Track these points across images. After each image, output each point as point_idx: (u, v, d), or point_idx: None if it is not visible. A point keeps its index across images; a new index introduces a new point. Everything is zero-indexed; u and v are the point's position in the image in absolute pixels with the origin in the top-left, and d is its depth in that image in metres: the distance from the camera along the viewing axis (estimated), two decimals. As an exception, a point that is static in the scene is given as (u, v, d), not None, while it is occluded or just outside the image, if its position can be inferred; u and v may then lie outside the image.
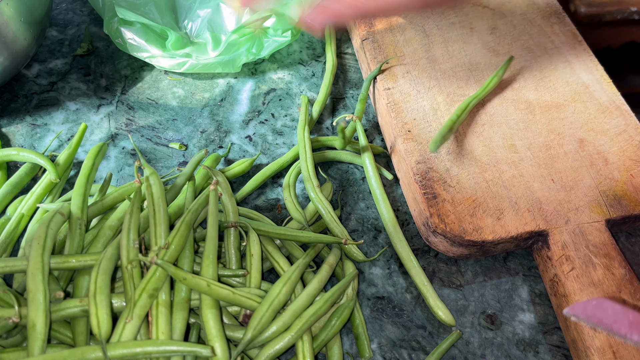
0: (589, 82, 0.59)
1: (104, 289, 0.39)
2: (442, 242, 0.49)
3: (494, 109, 0.56)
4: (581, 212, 0.49)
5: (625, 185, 0.51)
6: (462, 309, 0.48)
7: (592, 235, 0.48)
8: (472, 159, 0.52)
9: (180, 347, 0.37)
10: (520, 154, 0.53)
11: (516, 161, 0.52)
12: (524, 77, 0.59)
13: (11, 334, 0.40)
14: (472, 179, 0.51)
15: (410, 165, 0.51)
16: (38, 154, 0.52)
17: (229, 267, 0.45)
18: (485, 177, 0.51)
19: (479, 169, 0.51)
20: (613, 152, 0.53)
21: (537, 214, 0.49)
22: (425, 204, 0.49)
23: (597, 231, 0.48)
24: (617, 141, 0.54)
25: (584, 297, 0.44)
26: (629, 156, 0.53)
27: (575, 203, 0.50)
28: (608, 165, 0.52)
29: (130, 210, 0.43)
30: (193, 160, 0.51)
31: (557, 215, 0.49)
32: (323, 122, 0.62)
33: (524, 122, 0.55)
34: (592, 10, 1.02)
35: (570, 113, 0.56)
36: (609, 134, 0.54)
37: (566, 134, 0.54)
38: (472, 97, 0.55)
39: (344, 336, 0.46)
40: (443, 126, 0.51)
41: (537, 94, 0.58)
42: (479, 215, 0.48)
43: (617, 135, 0.54)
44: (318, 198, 0.50)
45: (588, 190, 0.50)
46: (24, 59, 0.60)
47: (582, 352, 0.43)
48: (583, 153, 0.53)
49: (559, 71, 0.60)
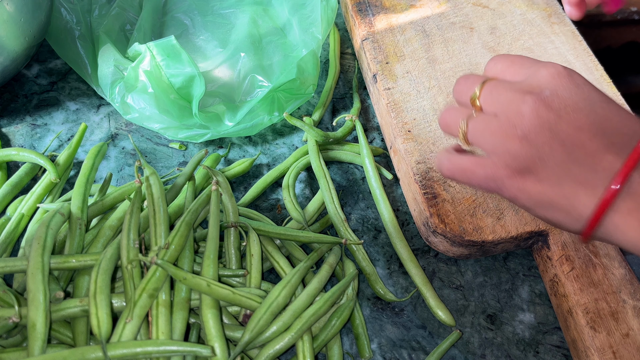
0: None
1: (104, 289, 0.39)
2: (442, 242, 0.49)
3: (494, 109, 0.56)
4: None
5: None
6: (462, 309, 0.48)
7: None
8: None
9: (180, 347, 0.37)
10: None
11: None
12: (524, 77, 0.59)
13: (11, 334, 0.40)
14: None
15: (410, 165, 0.51)
16: (38, 154, 0.52)
17: (229, 267, 0.45)
18: None
19: None
20: (613, 152, 0.53)
21: None
22: (425, 204, 0.49)
23: None
24: None
25: (584, 297, 0.45)
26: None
27: None
28: None
29: (130, 210, 0.43)
30: (193, 160, 0.51)
31: None
32: (323, 122, 0.62)
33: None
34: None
35: None
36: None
37: None
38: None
39: (344, 336, 0.46)
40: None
41: None
42: (479, 215, 0.48)
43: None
44: (347, 233, 0.50)
45: None
46: (25, 59, 0.60)
47: (582, 352, 0.43)
48: None
49: None
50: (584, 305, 0.44)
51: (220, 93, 0.60)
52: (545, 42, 0.63)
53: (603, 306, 0.44)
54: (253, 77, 0.59)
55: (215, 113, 0.56)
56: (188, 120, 0.55)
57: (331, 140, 0.56)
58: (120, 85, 0.55)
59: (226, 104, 0.57)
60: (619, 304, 0.44)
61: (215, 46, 0.64)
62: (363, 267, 0.49)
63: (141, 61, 0.53)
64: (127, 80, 0.54)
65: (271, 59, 0.61)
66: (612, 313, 0.44)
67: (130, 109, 0.55)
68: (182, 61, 0.53)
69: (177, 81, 0.54)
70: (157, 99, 0.54)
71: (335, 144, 0.57)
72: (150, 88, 0.53)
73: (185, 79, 0.54)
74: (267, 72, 0.60)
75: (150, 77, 0.53)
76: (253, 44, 0.62)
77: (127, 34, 0.64)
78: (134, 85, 0.54)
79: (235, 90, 0.60)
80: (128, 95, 0.54)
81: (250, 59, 0.60)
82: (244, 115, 0.55)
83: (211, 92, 0.60)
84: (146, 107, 0.54)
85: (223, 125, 0.55)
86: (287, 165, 0.56)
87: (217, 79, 0.61)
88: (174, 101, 0.54)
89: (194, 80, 0.54)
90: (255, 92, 0.59)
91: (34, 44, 0.59)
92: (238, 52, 0.61)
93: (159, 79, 0.53)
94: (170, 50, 0.53)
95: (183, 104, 0.55)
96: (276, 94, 0.57)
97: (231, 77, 0.61)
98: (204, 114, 0.55)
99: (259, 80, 0.58)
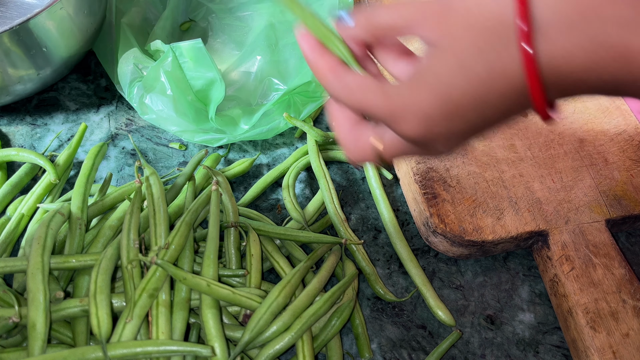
0: (589, 82, 0.59)
1: (104, 289, 0.39)
2: (442, 242, 0.49)
3: (494, 109, 0.56)
4: (581, 212, 0.49)
5: (625, 185, 0.51)
6: (462, 309, 0.48)
7: (592, 235, 0.48)
8: (472, 159, 0.52)
9: (180, 347, 0.37)
10: (520, 153, 0.53)
11: (516, 161, 0.52)
12: (524, 77, 0.59)
13: (11, 334, 0.40)
14: (472, 178, 0.51)
15: (410, 165, 0.51)
16: (38, 155, 0.52)
17: (229, 267, 0.45)
18: (485, 177, 0.51)
19: (479, 169, 0.51)
20: (613, 152, 0.53)
21: (537, 214, 0.49)
22: (425, 204, 0.49)
23: (597, 231, 0.48)
24: (617, 141, 0.54)
25: (584, 297, 0.45)
26: (629, 156, 0.53)
27: (575, 203, 0.50)
28: (608, 165, 0.52)
29: (130, 210, 0.43)
30: (193, 160, 0.51)
31: (557, 215, 0.49)
32: (322, 122, 0.62)
33: (524, 122, 0.55)
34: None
35: (570, 113, 0.56)
36: (609, 133, 0.54)
37: (566, 134, 0.54)
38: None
39: (344, 336, 0.46)
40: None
41: None
42: (479, 215, 0.48)
43: (617, 135, 0.54)
44: (347, 233, 0.50)
45: (588, 190, 0.50)
46: (67, 70, 0.61)
47: (582, 352, 0.43)
48: (583, 153, 0.53)
49: None
50: (583, 305, 0.44)
51: (236, 97, 0.60)
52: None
53: (603, 306, 0.44)
54: (269, 80, 0.58)
55: (231, 117, 0.56)
56: (204, 124, 0.55)
57: (331, 140, 0.56)
58: (139, 85, 0.55)
59: (242, 107, 0.57)
60: (619, 303, 0.44)
61: (232, 49, 0.63)
62: (363, 266, 0.49)
63: (163, 61, 0.52)
64: (147, 80, 0.54)
65: (288, 62, 0.61)
66: (612, 313, 0.44)
67: (148, 109, 0.55)
68: (206, 65, 0.53)
69: (197, 84, 0.54)
70: (176, 101, 0.53)
71: (335, 144, 0.57)
72: (169, 90, 0.53)
73: (206, 82, 0.53)
74: (284, 75, 0.59)
75: (170, 79, 0.52)
76: (270, 47, 0.61)
77: (148, 28, 0.64)
78: (153, 85, 0.53)
79: (252, 94, 0.60)
80: (146, 96, 0.54)
81: (266, 62, 0.60)
82: (259, 119, 0.55)
83: (228, 96, 0.60)
84: (164, 109, 0.53)
85: (239, 129, 0.55)
86: (287, 165, 0.56)
87: (234, 82, 0.61)
88: (190, 104, 0.54)
89: (215, 84, 0.53)
90: (271, 95, 0.58)
91: (81, 52, 0.59)
92: (254, 54, 0.60)
93: (179, 81, 0.53)
94: (196, 53, 0.52)
95: (200, 107, 0.55)
96: (292, 97, 0.56)
97: (248, 80, 0.61)
98: (220, 118, 0.55)
99: (275, 84, 0.58)
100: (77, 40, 0.57)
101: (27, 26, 0.50)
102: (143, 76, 0.54)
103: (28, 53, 0.53)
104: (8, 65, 0.52)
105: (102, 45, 0.61)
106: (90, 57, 0.67)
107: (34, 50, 0.53)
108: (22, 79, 0.55)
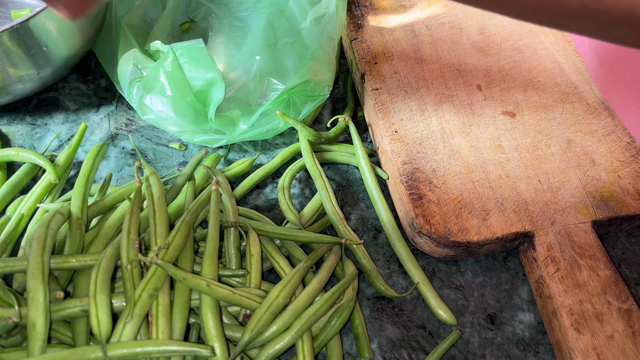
0: (578, 83, 0.59)
1: (104, 289, 0.39)
2: (427, 243, 0.49)
3: (481, 110, 0.56)
4: (567, 213, 0.49)
5: (612, 186, 0.51)
6: (462, 309, 0.48)
7: (577, 236, 0.48)
8: (459, 160, 0.52)
9: (180, 347, 0.37)
10: (507, 154, 0.53)
11: (503, 162, 0.52)
12: (512, 78, 0.59)
13: (11, 334, 0.40)
14: (458, 179, 0.51)
15: (396, 166, 0.51)
16: (38, 155, 0.52)
17: (229, 267, 0.45)
18: (472, 178, 0.51)
19: (465, 170, 0.51)
20: (600, 153, 0.53)
21: (523, 215, 0.49)
22: (410, 204, 0.49)
23: (583, 232, 0.48)
24: (604, 142, 0.54)
25: (569, 299, 0.44)
26: (617, 157, 0.53)
27: (561, 204, 0.49)
28: (595, 166, 0.52)
29: (130, 210, 0.43)
30: (193, 160, 0.51)
31: (543, 216, 0.49)
32: (322, 122, 0.62)
33: (511, 122, 0.55)
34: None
35: (558, 114, 0.56)
36: (597, 135, 0.54)
37: (554, 135, 0.54)
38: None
39: (344, 336, 0.46)
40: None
41: (526, 95, 0.58)
42: (465, 216, 0.48)
43: (605, 136, 0.54)
44: (346, 231, 0.50)
45: (575, 191, 0.50)
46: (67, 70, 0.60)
47: (567, 354, 0.43)
48: (570, 154, 0.53)
49: (548, 72, 0.60)
50: (568, 306, 0.44)
51: (236, 97, 0.60)
52: (535, 42, 0.63)
53: (588, 308, 0.44)
54: (269, 80, 0.58)
55: (230, 117, 0.56)
56: (204, 124, 0.54)
57: (323, 140, 0.56)
58: (139, 85, 0.55)
59: (241, 108, 0.57)
60: (604, 305, 0.44)
61: (231, 49, 0.63)
62: (363, 264, 0.49)
63: (163, 61, 0.52)
64: (146, 81, 0.54)
65: (286, 62, 0.60)
66: (596, 315, 0.43)
67: (147, 109, 0.54)
68: (206, 65, 0.52)
69: (197, 84, 0.53)
70: (175, 101, 0.53)
71: (328, 144, 0.57)
72: (169, 90, 0.52)
73: (206, 83, 0.53)
74: (283, 75, 0.59)
75: (170, 79, 0.52)
76: (269, 47, 0.61)
77: (148, 28, 0.64)
78: (152, 86, 0.53)
79: (251, 94, 0.59)
80: (146, 96, 0.54)
81: (265, 62, 0.60)
82: (258, 119, 0.54)
83: (227, 97, 0.60)
84: (163, 109, 0.53)
85: (238, 129, 0.55)
86: (274, 164, 0.56)
87: (233, 82, 0.61)
88: (190, 104, 0.54)
89: (215, 85, 0.53)
90: (271, 95, 0.58)
91: (81, 52, 0.59)
92: (253, 55, 0.60)
93: (178, 81, 0.53)
94: (196, 53, 0.52)
95: (199, 107, 0.55)
96: (292, 96, 0.56)
97: (247, 80, 0.61)
98: (219, 119, 0.55)
99: (274, 83, 0.58)
100: (77, 40, 0.57)
101: (27, 26, 0.50)
102: (143, 76, 0.54)
103: (28, 53, 0.53)
104: (8, 64, 0.52)
105: (102, 45, 0.61)
106: (90, 57, 0.67)
107: (34, 49, 0.53)
108: (22, 78, 0.55)
